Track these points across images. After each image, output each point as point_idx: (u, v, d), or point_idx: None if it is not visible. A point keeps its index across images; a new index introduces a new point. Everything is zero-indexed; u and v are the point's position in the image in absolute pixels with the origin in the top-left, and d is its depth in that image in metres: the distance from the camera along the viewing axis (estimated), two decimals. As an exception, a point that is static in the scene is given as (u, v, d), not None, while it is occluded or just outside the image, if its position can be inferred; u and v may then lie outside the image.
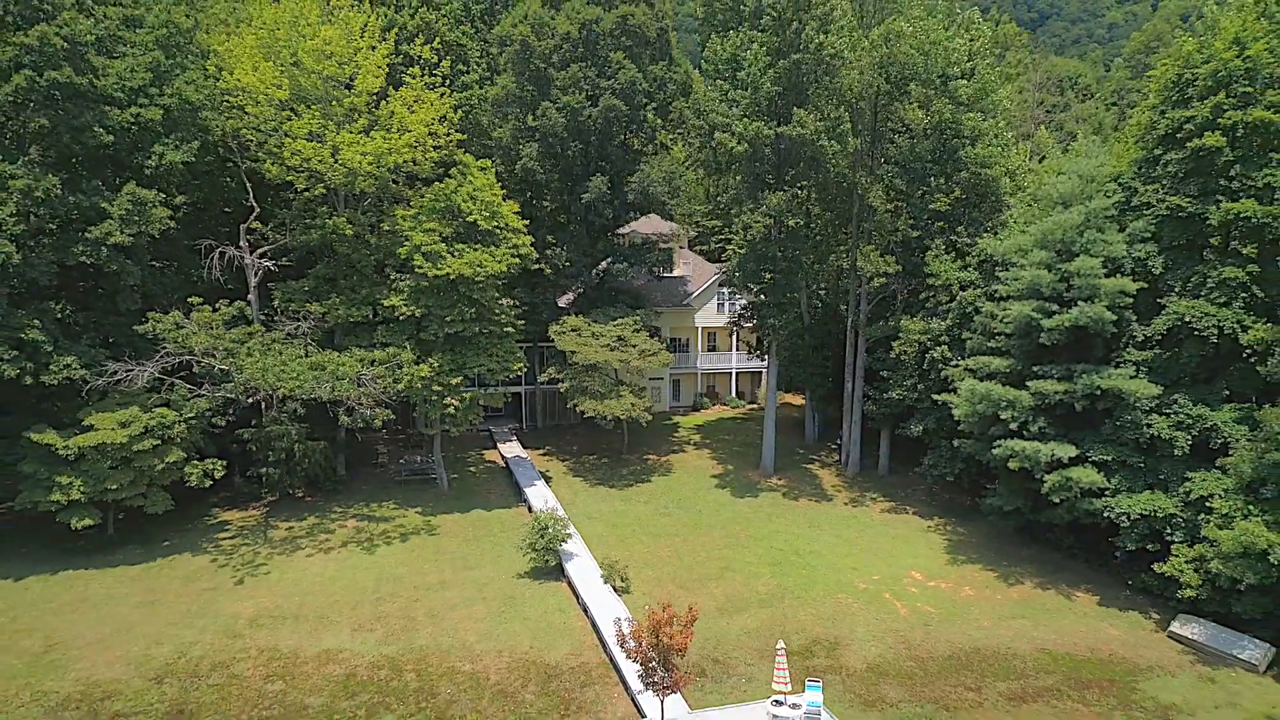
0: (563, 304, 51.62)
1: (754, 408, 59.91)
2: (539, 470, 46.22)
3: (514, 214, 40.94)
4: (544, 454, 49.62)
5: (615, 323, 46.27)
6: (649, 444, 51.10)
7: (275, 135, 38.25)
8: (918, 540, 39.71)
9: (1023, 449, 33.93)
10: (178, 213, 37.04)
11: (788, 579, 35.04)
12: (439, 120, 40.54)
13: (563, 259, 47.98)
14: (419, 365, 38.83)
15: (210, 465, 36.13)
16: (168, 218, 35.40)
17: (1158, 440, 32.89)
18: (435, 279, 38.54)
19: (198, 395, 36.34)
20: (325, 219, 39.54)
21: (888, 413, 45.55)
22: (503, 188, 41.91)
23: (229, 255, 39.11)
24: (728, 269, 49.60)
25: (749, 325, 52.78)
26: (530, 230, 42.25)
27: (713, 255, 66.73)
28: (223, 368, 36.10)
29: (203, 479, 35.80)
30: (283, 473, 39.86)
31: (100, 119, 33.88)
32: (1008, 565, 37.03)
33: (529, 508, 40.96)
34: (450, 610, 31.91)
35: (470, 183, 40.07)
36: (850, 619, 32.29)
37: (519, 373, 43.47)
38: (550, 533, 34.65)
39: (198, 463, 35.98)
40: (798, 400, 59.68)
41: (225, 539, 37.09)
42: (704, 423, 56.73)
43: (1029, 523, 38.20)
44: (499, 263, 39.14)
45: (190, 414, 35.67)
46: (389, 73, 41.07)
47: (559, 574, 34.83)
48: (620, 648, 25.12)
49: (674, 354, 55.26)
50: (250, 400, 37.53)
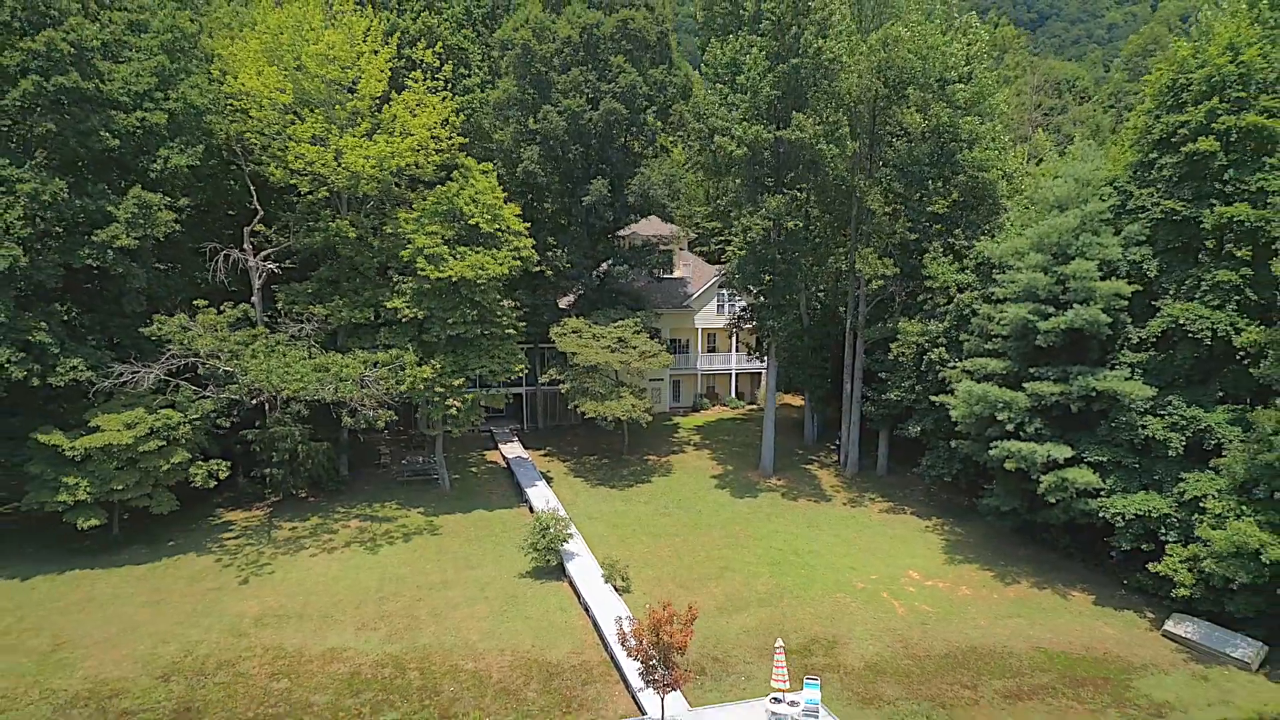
0: (563, 305, 51.95)
1: (753, 408, 60.24)
2: (540, 471, 46.57)
3: (515, 216, 41.32)
4: (545, 454, 49.98)
5: (616, 324, 46.61)
6: (649, 445, 51.46)
7: (279, 139, 38.58)
8: (915, 540, 40.07)
9: (1019, 450, 34.32)
10: (182, 215, 37.37)
11: (787, 578, 35.40)
12: (441, 124, 40.86)
13: (564, 261, 48.32)
14: (421, 367, 39.16)
15: (215, 466, 36.46)
16: (172, 221, 35.76)
17: (1152, 441, 33.28)
18: (437, 281, 38.89)
19: (202, 397, 36.69)
20: (328, 222, 39.91)
21: (886, 414, 45.90)
22: (504, 190, 42.28)
23: (233, 258, 39.44)
24: (727, 271, 49.95)
25: (748, 327, 53.15)
26: (531, 232, 42.58)
27: (713, 257, 67.02)
28: (227, 369, 36.45)
29: (207, 479, 36.13)
30: (286, 473, 40.20)
31: (106, 123, 34.21)
32: (1005, 565, 37.39)
33: (530, 508, 41.31)
34: (453, 609, 32.28)
35: (472, 186, 40.42)
36: (848, 618, 32.66)
37: (520, 374, 43.85)
38: (551, 533, 35.03)
39: (202, 463, 36.30)
40: (797, 401, 60.02)
41: (229, 539, 37.45)
42: (704, 423, 57.09)
43: (1026, 523, 38.56)
44: (501, 265, 39.51)
45: (195, 415, 36.03)
46: (391, 76, 41.40)
47: (560, 573, 35.19)
48: (621, 646, 25.50)
49: (674, 355, 55.63)
50: (254, 401, 37.88)
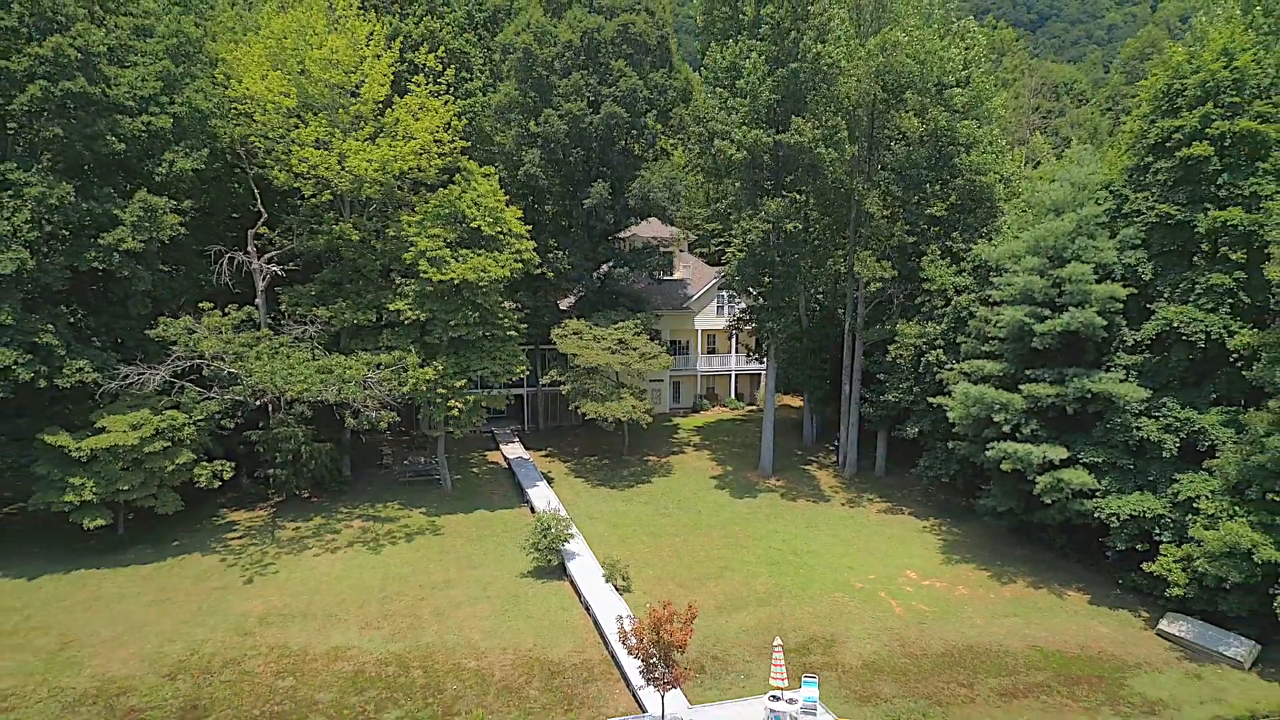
0: (564, 307, 52.31)
1: (753, 409, 60.60)
2: (541, 471, 46.92)
3: (517, 219, 41.66)
4: (546, 455, 50.33)
5: (616, 326, 46.97)
6: (649, 445, 51.82)
7: (283, 143, 38.90)
8: (913, 540, 40.43)
9: (1015, 451, 34.70)
10: (186, 218, 37.67)
11: (785, 578, 35.76)
12: (443, 127, 41.20)
13: (564, 263, 48.66)
14: (424, 368, 39.49)
15: (219, 466, 36.78)
16: (177, 224, 36.09)
17: (1147, 442, 33.66)
18: (440, 284, 39.23)
19: (207, 398, 37.01)
20: (332, 225, 40.28)
21: (884, 415, 46.27)
22: (505, 193, 42.64)
23: (237, 260, 39.79)
24: (727, 273, 50.31)
25: (748, 328, 53.50)
26: (532, 235, 42.94)
27: (712, 258, 67.39)
28: (232, 371, 36.80)
29: (212, 480, 36.45)
30: (290, 474, 40.53)
31: (112, 127, 34.50)
32: (1001, 565, 37.75)
33: (531, 508, 41.66)
34: (455, 609, 32.62)
35: (474, 189, 40.78)
36: (846, 617, 33.01)
37: (521, 375, 44.21)
38: (553, 533, 35.38)
39: (207, 464, 36.61)
40: (796, 402, 60.37)
41: (234, 539, 37.79)
42: (703, 424, 57.45)
43: (1022, 523, 38.92)
44: (502, 268, 39.87)
45: (200, 416, 36.36)
46: (394, 80, 41.80)
47: (561, 573, 35.54)
48: (622, 645, 25.84)
49: (674, 356, 56.03)
50: (258, 403, 38.26)
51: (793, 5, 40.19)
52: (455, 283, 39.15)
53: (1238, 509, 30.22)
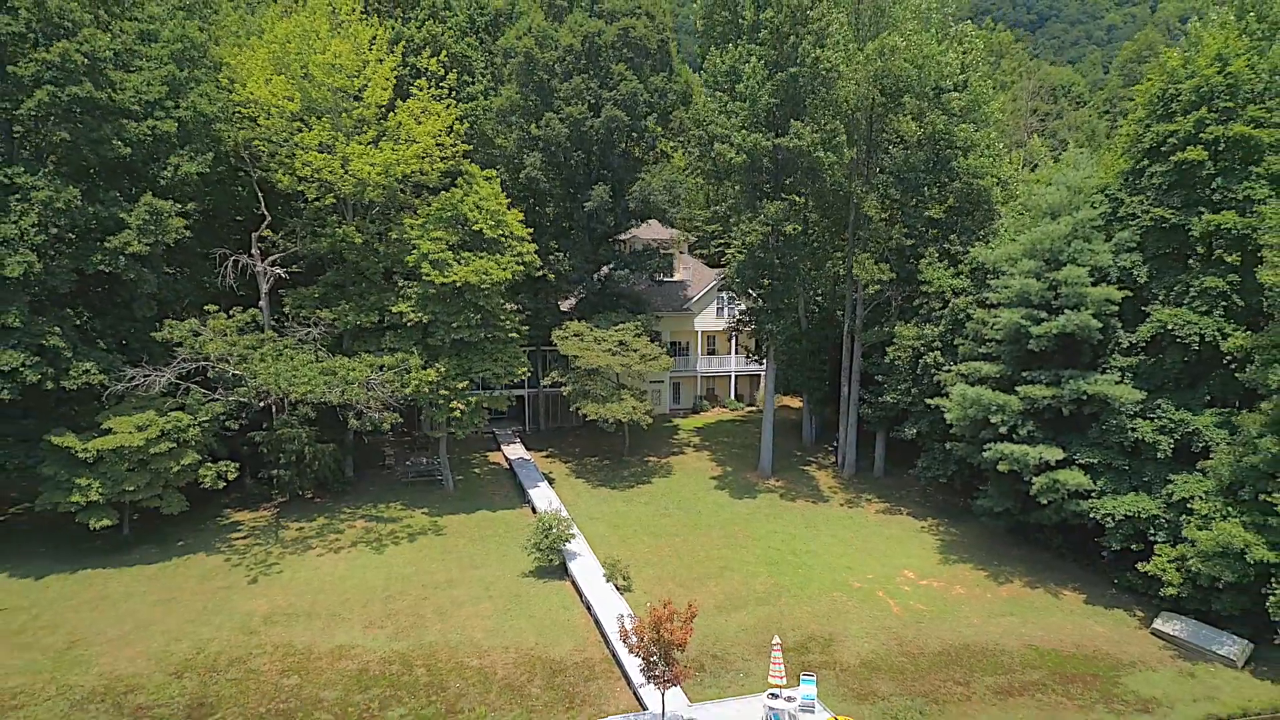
0: (565, 308, 52.64)
1: (752, 410, 60.95)
2: (542, 472, 47.27)
3: (518, 222, 42.01)
4: (547, 456, 50.69)
5: (617, 327, 47.32)
6: (649, 446, 52.18)
7: (286, 146, 39.25)
8: (911, 540, 40.79)
9: (1012, 452, 35.07)
10: (191, 221, 38.01)
11: (784, 578, 36.12)
12: (445, 131, 41.53)
13: (565, 265, 49.00)
14: (426, 370, 39.82)
15: (224, 467, 37.14)
16: (182, 227, 36.44)
17: (1142, 444, 34.03)
18: (442, 286, 39.58)
19: (212, 399, 37.35)
20: (335, 227, 40.62)
21: (883, 416, 46.63)
22: (507, 196, 42.99)
23: (241, 263, 40.12)
24: (727, 275, 50.64)
25: (748, 330, 53.84)
26: (534, 237, 43.27)
27: (712, 260, 67.72)
28: (236, 373, 37.15)
29: (216, 481, 36.77)
30: (293, 474, 40.90)
31: (118, 132, 34.80)
32: (998, 565, 38.11)
33: (533, 509, 42.01)
34: (458, 608, 32.99)
35: (476, 192, 41.14)
36: (844, 616, 33.37)
37: (522, 377, 44.56)
38: (554, 533, 35.75)
39: (211, 465, 36.95)
40: (795, 403, 60.70)
41: (238, 539, 38.14)
42: (703, 425, 57.81)
43: (1019, 523, 39.29)
44: (504, 270, 40.23)
45: (205, 417, 36.67)
46: (397, 84, 42.13)
47: (563, 573, 35.91)
48: (622, 643, 26.16)
49: (674, 357, 56.33)
50: (262, 404, 38.61)
51: (791, 10, 40.51)
52: (457, 285, 39.50)
53: (1231, 510, 30.60)
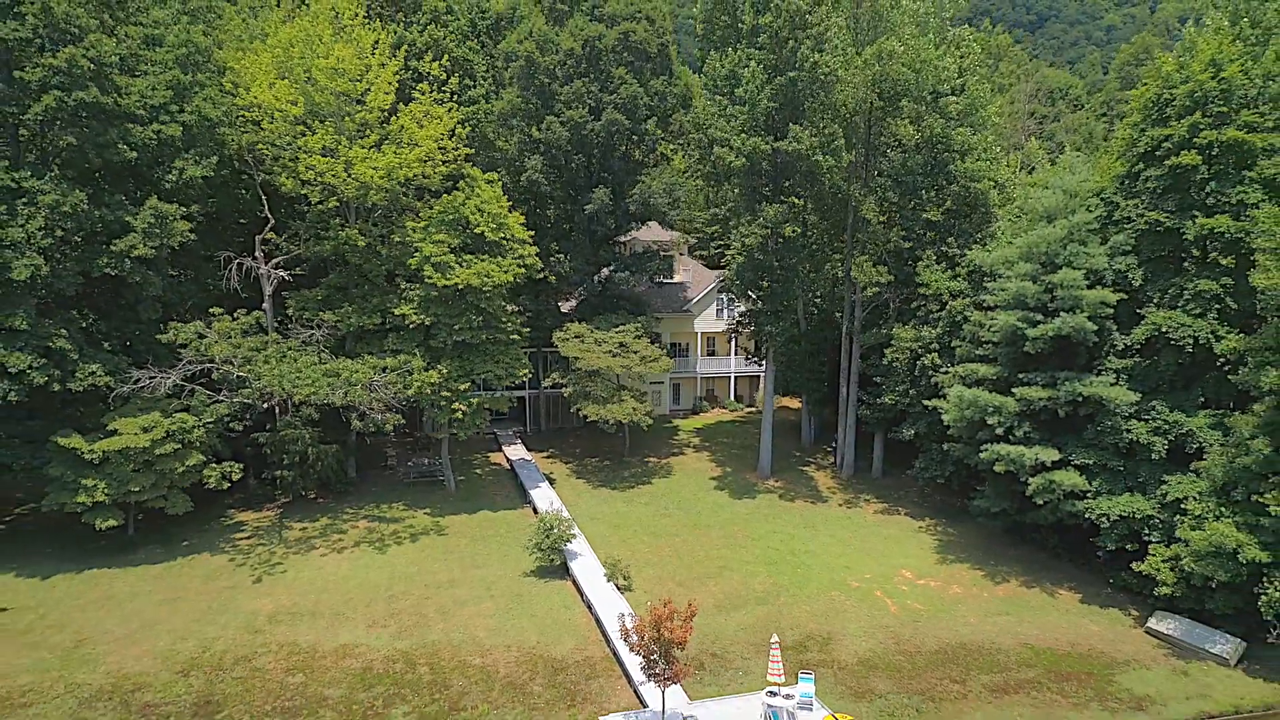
0: (566, 310, 52.98)
1: (752, 411, 61.30)
2: (543, 473, 47.62)
3: (519, 224, 42.34)
4: (548, 457, 51.04)
5: (617, 329, 47.67)
6: (650, 447, 52.53)
7: (290, 150, 39.64)
8: (909, 540, 41.14)
9: (1008, 453, 35.41)
10: (195, 224, 38.30)
11: (783, 577, 36.47)
12: (447, 135, 41.92)
13: (566, 267, 49.38)
14: (428, 372, 40.17)
15: (228, 468, 37.49)
16: (187, 230, 36.78)
17: (1136, 445, 34.39)
18: (444, 289, 39.96)
19: (216, 401, 37.72)
20: (338, 230, 41.00)
21: (881, 417, 46.97)
22: (508, 199, 43.38)
23: (245, 265, 40.47)
24: (726, 276, 50.98)
25: (747, 331, 54.18)
26: (535, 239, 43.63)
27: (712, 261, 68.10)
28: (241, 374, 37.49)
29: (220, 481, 37.12)
30: (296, 475, 41.27)
31: (124, 136, 35.15)
32: (995, 564, 38.47)
33: (534, 509, 42.36)
34: (460, 607, 33.34)
35: (478, 195, 41.49)
36: (842, 615, 33.73)
37: (524, 378, 44.90)
38: (555, 533, 36.11)
39: (216, 466, 37.28)
40: (795, 404, 61.02)
41: (242, 539, 38.49)
42: (703, 426, 58.15)
43: (1016, 524, 39.64)
44: (505, 273, 40.59)
45: (209, 419, 37.07)
46: (399, 88, 42.48)
47: (564, 573, 36.26)
48: (623, 642, 26.47)
49: (674, 359, 56.69)
50: (266, 405, 38.96)
51: (790, 15, 40.89)
52: (459, 287, 39.87)
53: (1224, 510, 30.96)
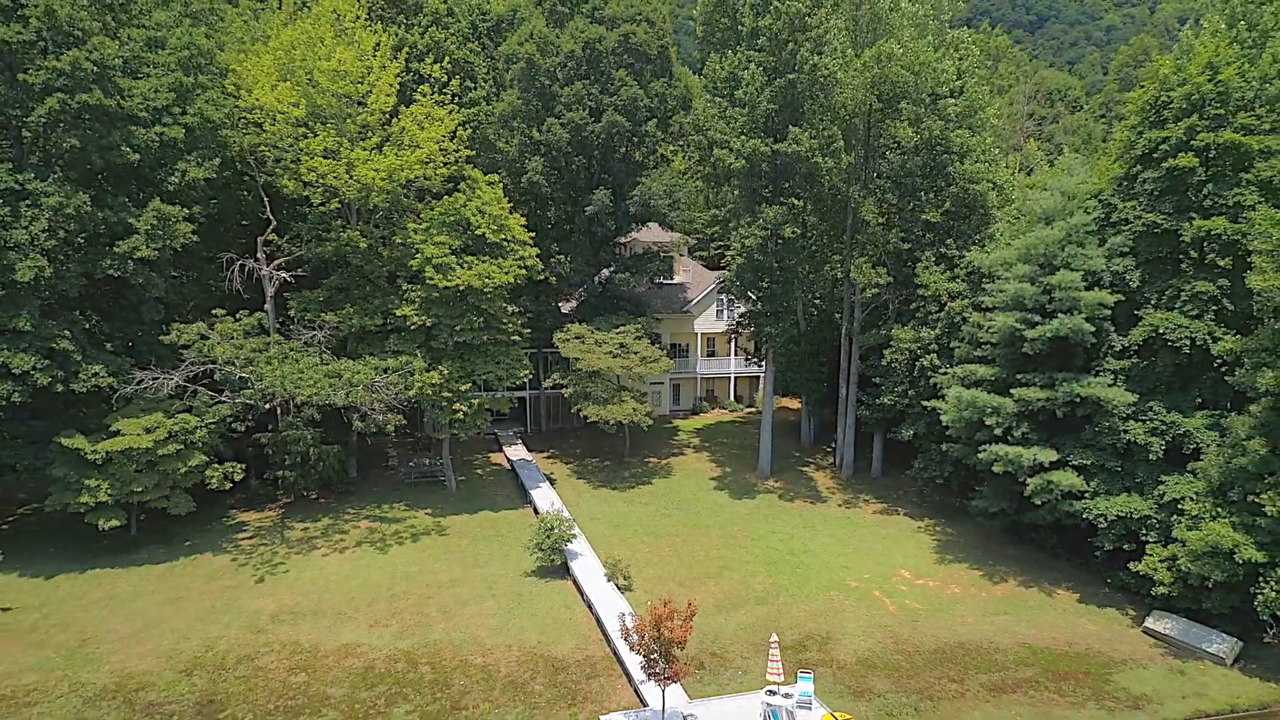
0: (566, 310, 53.17)
1: (752, 412, 61.48)
2: (544, 473, 47.80)
3: (520, 226, 42.53)
4: (548, 457, 51.22)
5: (617, 330, 47.86)
6: (650, 447, 52.72)
7: (292, 151, 39.82)
8: (908, 540, 41.32)
9: (1007, 453, 35.57)
10: (197, 225, 38.48)
11: (783, 577, 36.66)
12: (448, 136, 42.12)
13: (567, 268, 49.58)
14: (429, 372, 40.34)
15: (230, 468, 37.66)
16: (189, 231, 36.97)
17: (1134, 445, 34.55)
18: (445, 290, 40.14)
19: (218, 401, 37.93)
20: (339, 232, 41.18)
21: (880, 417, 47.14)
22: (509, 200, 43.57)
23: (248, 267, 40.66)
24: (726, 277, 51.16)
25: (747, 332, 54.36)
26: (535, 240, 43.76)
27: (712, 262, 68.28)
28: (243, 375, 37.68)
29: (223, 481, 37.32)
30: (298, 475, 41.46)
31: (127, 138, 35.34)
32: (993, 564, 38.64)
33: (535, 509, 42.55)
34: (461, 607, 33.52)
35: (479, 197, 41.70)
36: (841, 615, 33.92)
37: (524, 379, 45.10)
38: (556, 533, 36.30)
39: (218, 466, 37.47)
40: (794, 405, 61.17)
41: (244, 539, 38.68)
42: (703, 426, 58.34)
43: (1014, 524, 39.81)
44: (506, 274, 40.78)
45: (211, 419, 37.27)
46: (400, 90, 42.69)
47: (564, 572, 36.45)
48: (624, 641, 26.68)
49: (674, 359, 56.86)
50: (268, 406, 39.14)
51: (790, 18, 41.06)
52: (460, 289, 40.06)
53: (1220, 510, 31.11)
